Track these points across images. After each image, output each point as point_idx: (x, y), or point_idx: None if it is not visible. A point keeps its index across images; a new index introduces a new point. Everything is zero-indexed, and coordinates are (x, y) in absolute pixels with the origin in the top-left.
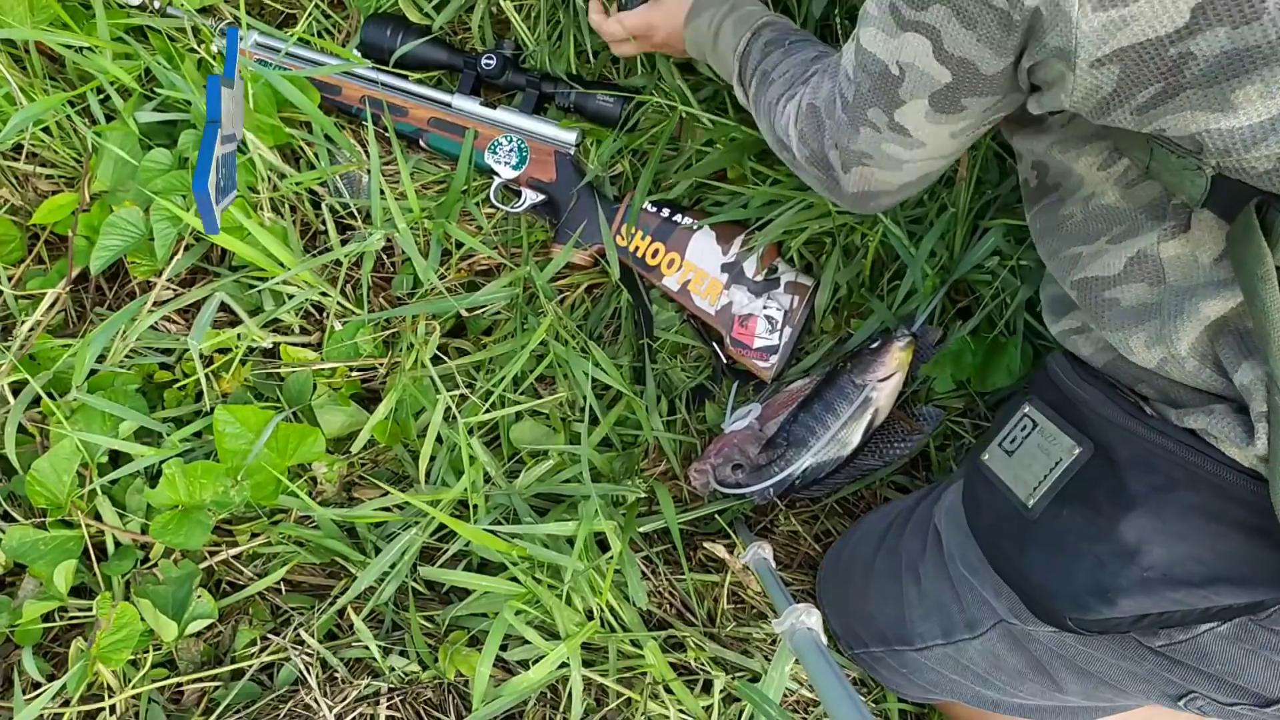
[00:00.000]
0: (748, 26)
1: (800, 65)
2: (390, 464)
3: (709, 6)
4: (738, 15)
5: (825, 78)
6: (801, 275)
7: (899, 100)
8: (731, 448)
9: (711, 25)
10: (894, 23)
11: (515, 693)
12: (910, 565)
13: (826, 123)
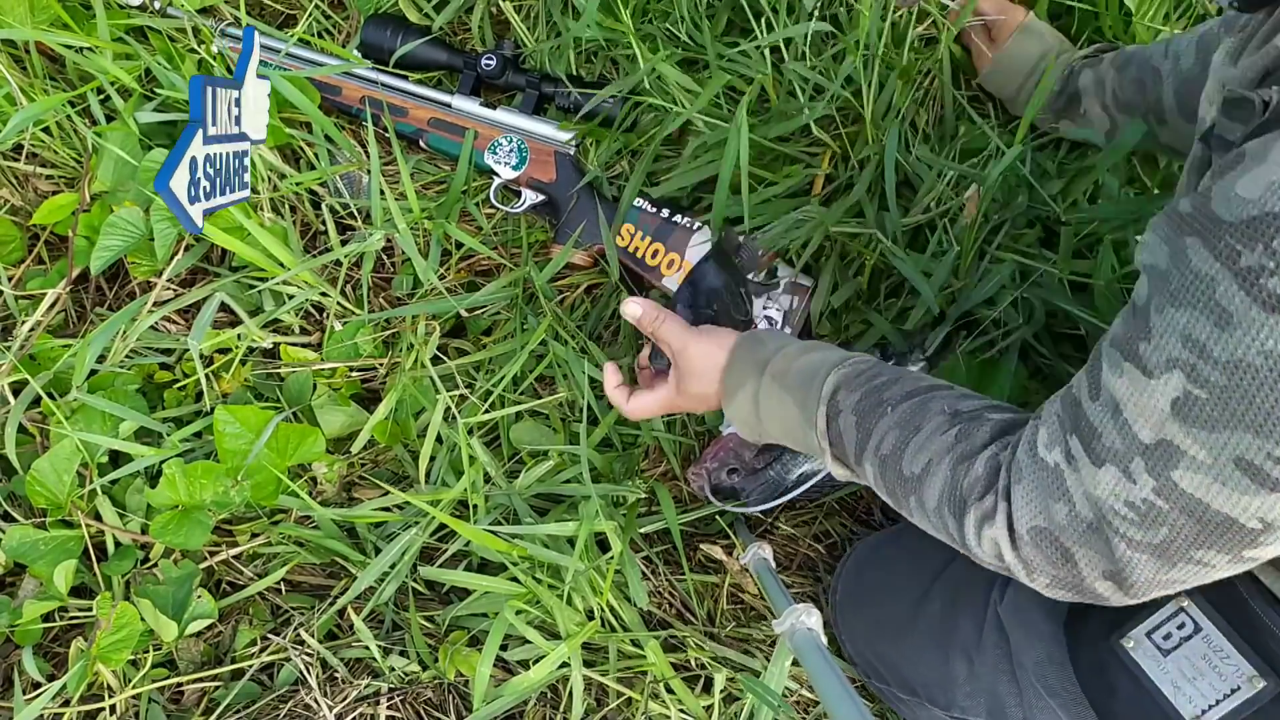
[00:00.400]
0: (815, 397)
1: (949, 451)
2: (390, 464)
3: (741, 382)
4: (787, 381)
5: (1032, 488)
6: (801, 276)
7: (1253, 544)
8: (727, 451)
9: (757, 403)
10: (1249, 481)
11: (516, 693)
12: (962, 646)
13: (1081, 552)
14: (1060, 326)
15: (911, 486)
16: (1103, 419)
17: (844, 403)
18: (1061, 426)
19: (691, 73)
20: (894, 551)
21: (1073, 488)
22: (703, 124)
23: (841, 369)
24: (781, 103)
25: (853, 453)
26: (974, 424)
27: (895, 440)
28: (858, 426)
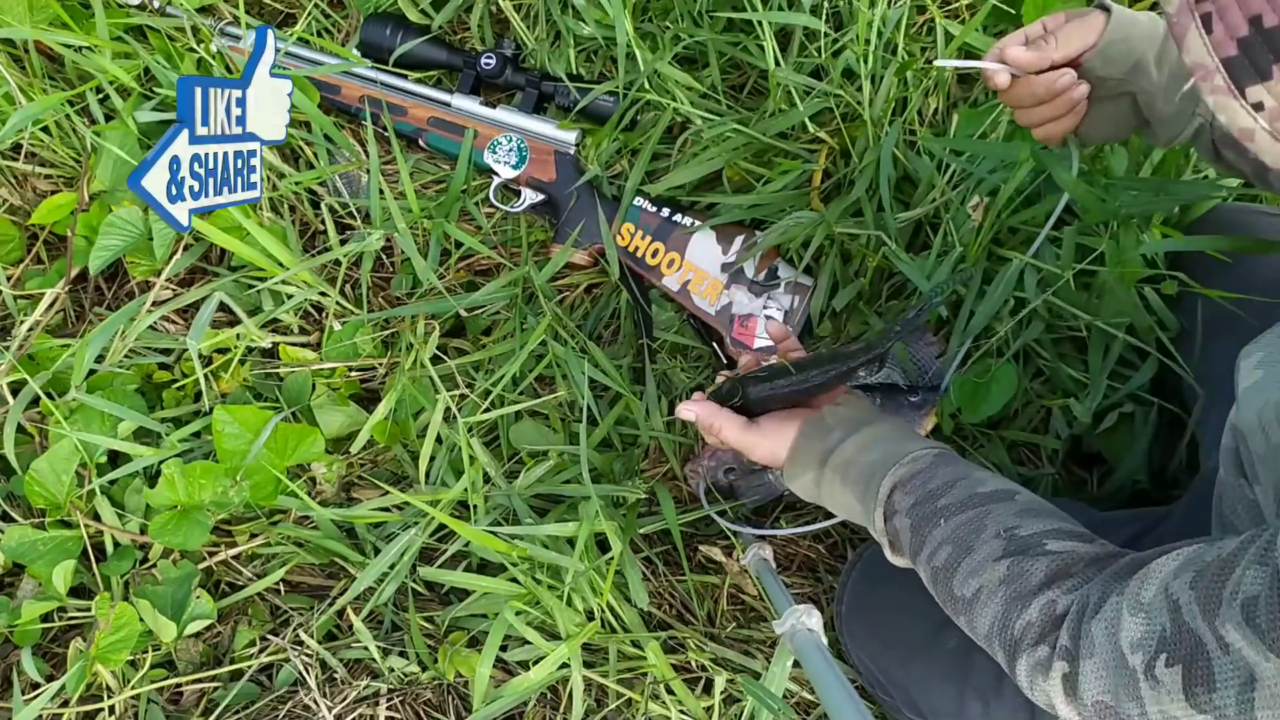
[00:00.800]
0: (873, 498)
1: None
2: (390, 464)
3: (804, 471)
4: (848, 477)
5: (1105, 672)
6: (802, 275)
7: None
8: (725, 450)
9: (819, 490)
10: None
11: (515, 693)
12: (978, 687)
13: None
14: (1061, 327)
15: (962, 608)
16: (1228, 679)
17: (900, 504)
18: (1163, 642)
19: (691, 70)
20: (907, 570)
21: (1149, 702)
22: (700, 120)
23: (899, 469)
24: (779, 100)
25: (909, 553)
26: (1028, 559)
27: (947, 557)
28: (913, 531)
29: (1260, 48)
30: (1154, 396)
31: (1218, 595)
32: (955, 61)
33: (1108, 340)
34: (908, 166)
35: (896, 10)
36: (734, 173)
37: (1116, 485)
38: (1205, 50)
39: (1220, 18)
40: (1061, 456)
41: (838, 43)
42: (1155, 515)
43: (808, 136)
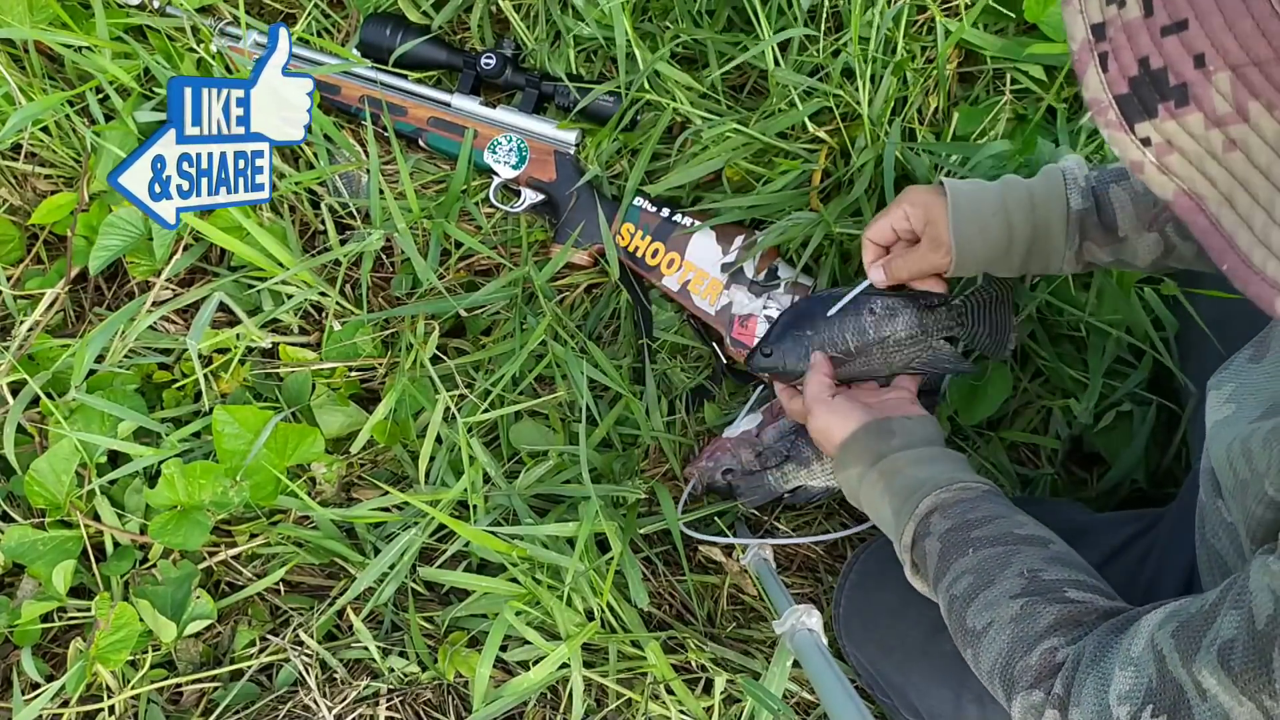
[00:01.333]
0: (910, 514)
1: (1013, 622)
2: (389, 464)
3: (853, 462)
4: (890, 488)
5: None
6: (802, 275)
7: None
8: (724, 451)
9: (859, 488)
10: None
11: (515, 693)
12: (975, 690)
13: None
14: (1061, 327)
15: (970, 640)
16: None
17: (935, 527)
18: (1149, 693)
19: (691, 71)
20: (901, 590)
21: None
22: (700, 120)
23: (944, 492)
24: (778, 99)
25: (931, 578)
26: (1043, 601)
27: (967, 586)
28: (940, 556)
29: (1148, 87)
30: (1152, 395)
31: (1197, 643)
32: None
33: (1105, 340)
34: (906, 166)
35: (895, 9)
36: (734, 173)
37: (1114, 483)
38: (1101, 87)
39: (1115, 57)
40: (1061, 456)
41: (837, 43)
42: (1151, 516)
43: (808, 136)
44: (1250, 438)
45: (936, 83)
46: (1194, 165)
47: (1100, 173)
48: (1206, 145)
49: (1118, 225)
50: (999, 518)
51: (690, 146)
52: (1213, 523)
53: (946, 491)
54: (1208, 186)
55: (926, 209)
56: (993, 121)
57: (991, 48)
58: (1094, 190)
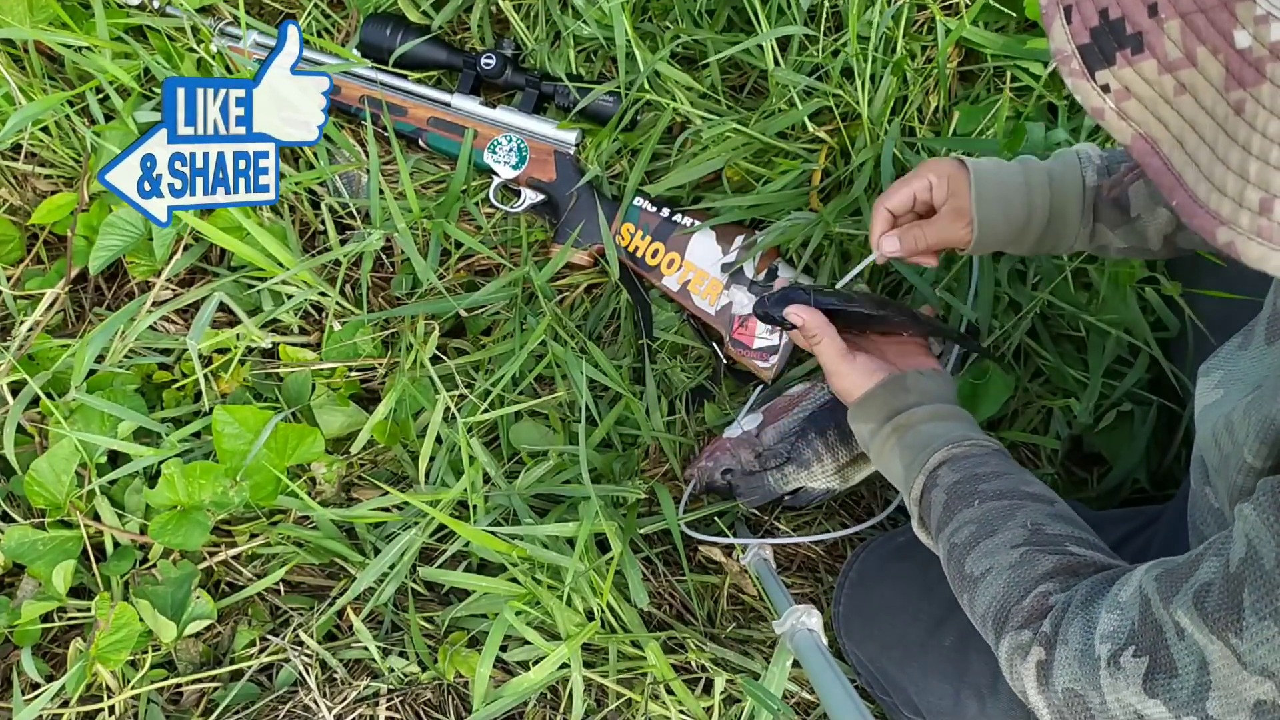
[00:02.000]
0: (920, 465)
1: (1010, 568)
2: (389, 464)
3: (867, 418)
4: (904, 441)
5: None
6: (802, 276)
7: None
8: (724, 452)
9: (870, 443)
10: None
11: (515, 693)
12: (974, 685)
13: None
14: (1061, 327)
15: (967, 586)
16: (1188, 665)
17: (942, 479)
18: (1131, 635)
19: (691, 71)
20: (904, 569)
21: (1108, 690)
22: (700, 120)
23: (955, 447)
24: (778, 99)
25: (934, 527)
26: (1043, 552)
27: (969, 535)
28: (944, 507)
29: (1107, 36)
30: (1154, 395)
31: (1178, 587)
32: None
33: (1105, 340)
34: (905, 164)
35: (894, 7)
36: (734, 173)
37: (1115, 483)
38: (1065, 38)
39: (1078, 9)
40: (1061, 456)
41: (836, 43)
42: (1151, 512)
43: (807, 136)
44: (1233, 412)
45: (937, 82)
46: (1148, 109)
47: (1112, 153)
48: (1159, 89)
49: (1130, 204)
50: (1006, 474)
51: (690, 146)
52: (1202, 510)
53: (958, 447)
54: (1160, 129)
55: (951, 180)
56: (993, 120)
57: (992, 45)
58: (1108, 169)
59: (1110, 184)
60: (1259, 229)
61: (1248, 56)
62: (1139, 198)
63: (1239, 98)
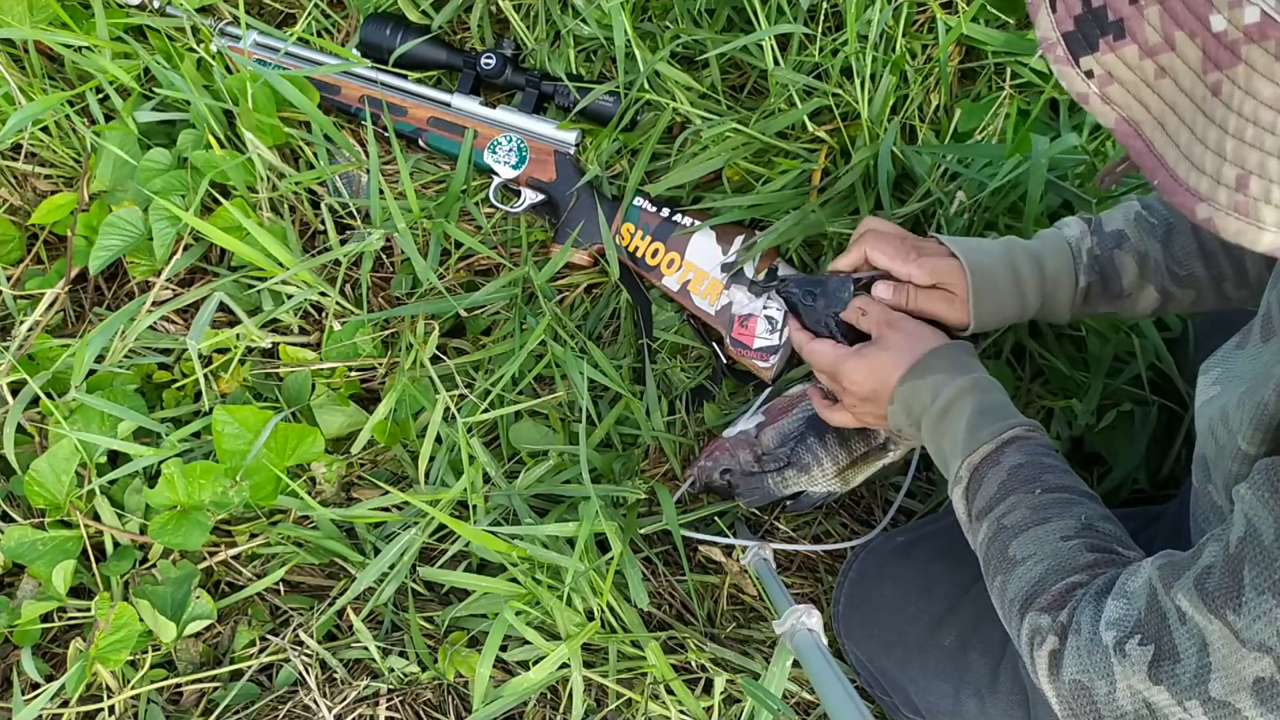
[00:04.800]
0: (992, 433)
1: (1054, 556)
2: (389, 464)
3: (940, 369)
4: (980, 403)
5: (1084, 652)
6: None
7: None
8: (723, 452)
9: (939, 398)
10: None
11: (515, 693)
12: (974, 685)
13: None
14: (1061, 327)
15: (1006, 567)
16: (1189, 649)
17: (1006, 458)
18: (1137, 624)
19: (691, 71)
20: (903, 569)
21: (1118, 678)
22: (700, 120)
23: (1031, 430)
24: (778, 99)
25: (980, 506)
26: (1091, 545)
27: (1020, 518)
28: (1000, 486)
29: (1090, 23)
30: (1154, 396)
31: (1180, 573)
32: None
33: (1105, 339)
34: (906, 164)
35: (894, 5)
36: (734, 172)
37: (1115, 484)
38: (1050, 26)
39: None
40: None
41: (835, 42)
42: (1151, 513)
43: (807, 136)
44: (1228, 404)
45: (938, 80)
46: (1130, 93)
47: (1100, 239)
48: (1141, 74)
49: (1122, 288)
50: (1069, 472)
51: (690, 146)
52: (1204, 507)
53: (1034, 431)
54: (1142, 112)
55: (936, 272)
56: (993, 117)
57: (993, 42)
58: (1098, 261)
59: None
60: (1235, 204)
61: (1223, 39)
62: (1130, 280)
63: (1215, 79)
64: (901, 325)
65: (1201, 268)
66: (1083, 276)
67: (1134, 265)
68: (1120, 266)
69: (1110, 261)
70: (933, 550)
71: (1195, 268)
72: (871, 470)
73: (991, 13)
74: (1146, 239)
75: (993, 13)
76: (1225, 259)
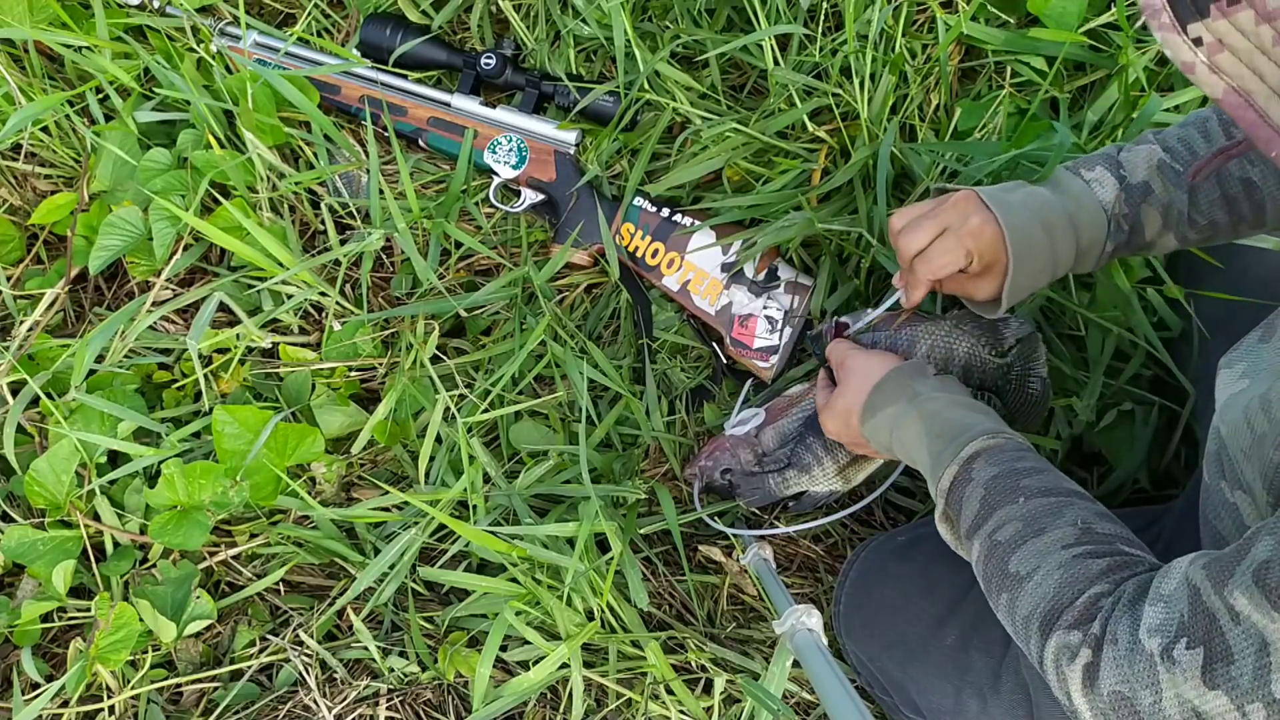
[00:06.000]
0: (951, 453)
1: (1063, 568)
2: (389, 464)
3: (887, 403)
4: (930, 426)
5: (1124, 662)
6: (802, 275)
7: None
8: (723, 451)
9: (894, 431)
10: None
11: (515, 693)
12: (975, 684)
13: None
14: (1061, 326)
15: (1009, 585)
16: (1244, 649)
17: (978, 473)
18: (1181, 627)
19: (691, 71)
20: (904, 569)
21: (1165, 686)
22: (700, 119)
23: (989, 440)
24: (777, 99)
25: (966, 525)
26: (1096, 553)
27: (1013, 532)
28: (982, 502)
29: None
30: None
31: (1231, 570)
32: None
33: (1105, 338)
34: (905, 163)
35: (893, 5)
36: (734, 172)
37: (1116, 484)
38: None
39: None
40: (1061, 456)
41: (834, 42)
42: (1152, 513)
43: (807, 136)
44: (1269, 393)
45: (937, 80)
46: (1243, 62)
47: (1129, 194)
48: (1256, 41)
49: (1145, 241)
50: (1046, 470)
51: (690, 146)
52: (1215, 504)
53: (994, 439)
54: (1256, 81)
55: (989, 248)
56: (993, 115)
57: (994, 41)
58: (1126, 219)
59: (1195, 169)
60: None
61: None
62: (1154, 230)
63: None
64: (851, 363)
65: (1224, 214)
66: (1111, 242)
67: (1158, 218)
68: (1145, 220)
69: (1137, 218)
70: (934, 550)
71: (1217, 215)
72: (873, 467)
73: (991, 11)
74: (1172, 189)
75: (993, 11)
76: (1247, 203)
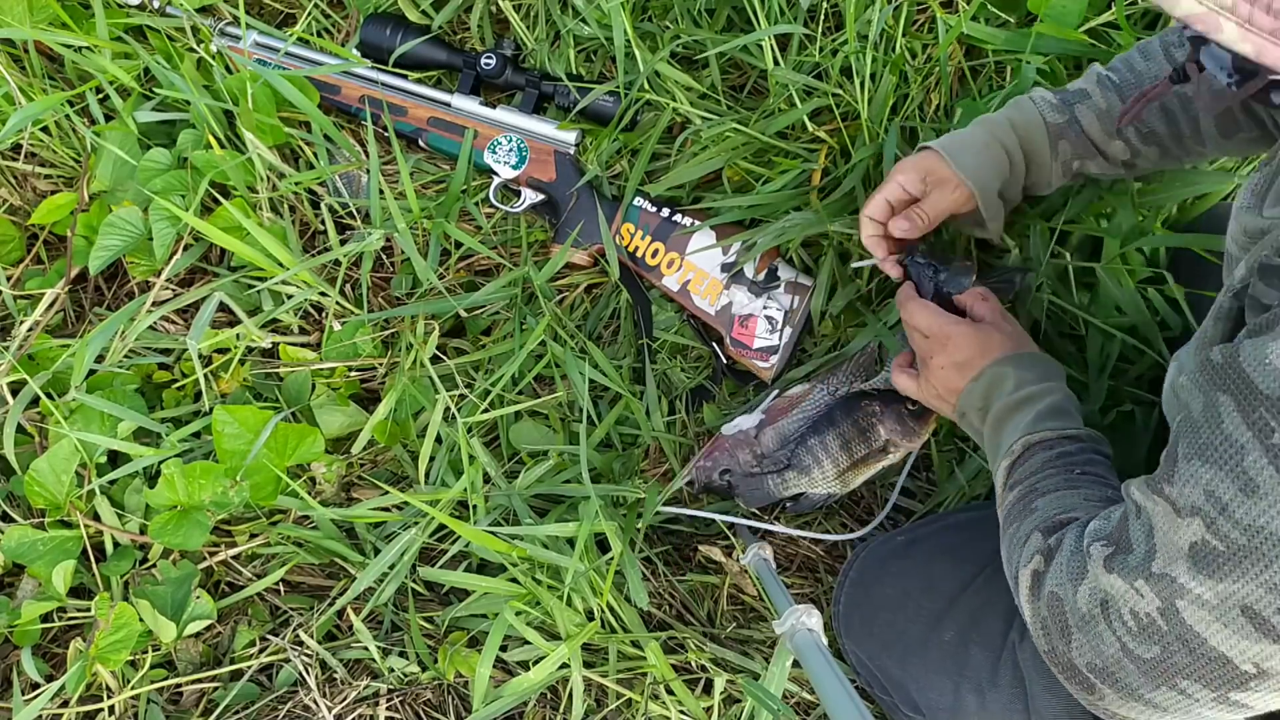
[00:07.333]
0: (1057, 426)
1: (1070, 500)
2: (389, 464)
3: (1034, 367)
4: (1056, 405)
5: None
6: (802, 275)
7: (1242, 687)
8: (723, 452)
9: (1023, 389)
10: (1252, 628)
11: (515, 693)
12: (974, 679)
13: (1078, 636)
14: (1062, 327)
15: (1023, 514)
16: (1139, 538)
17: (1060, 447)
18: (1111, 535)
19: (691, 71)
20: (904, 567)
21: (1090, 578)
22: (700, 120)
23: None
24: (778, 99)
25: (1018, 475)
26: (1111, 506)
27: (1051, 484)
28: (1044, 463)
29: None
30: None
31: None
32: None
33: (1105, 339)
34: None
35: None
36: (734, 172)
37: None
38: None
39: None
40: None
41: (835, 42)
42: None
43: (807, 136)
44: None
45: (938, 80)
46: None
47: (1062, 94)
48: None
49: (1093, 141)
50: (1110, 474)
51: (690, 146)
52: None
53: (1099, 441)
54: None
55: (918, 168)
56: None
57: (994, 41)
58: (1061, 110)
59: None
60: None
61: None
62: (1096, 132)
63: None
64: (1014, 321)
65: (1161, 123)
66: (1051, 115)
67: (1095, 119)
68: (1083, 119)
69: (1074, 115)
70: (933, 549)
71: (1156, 124)
72: (871, 472)
73: (992, 11)
74: (1108, 94)
75: (993, 11)
76: (1183, 117)
